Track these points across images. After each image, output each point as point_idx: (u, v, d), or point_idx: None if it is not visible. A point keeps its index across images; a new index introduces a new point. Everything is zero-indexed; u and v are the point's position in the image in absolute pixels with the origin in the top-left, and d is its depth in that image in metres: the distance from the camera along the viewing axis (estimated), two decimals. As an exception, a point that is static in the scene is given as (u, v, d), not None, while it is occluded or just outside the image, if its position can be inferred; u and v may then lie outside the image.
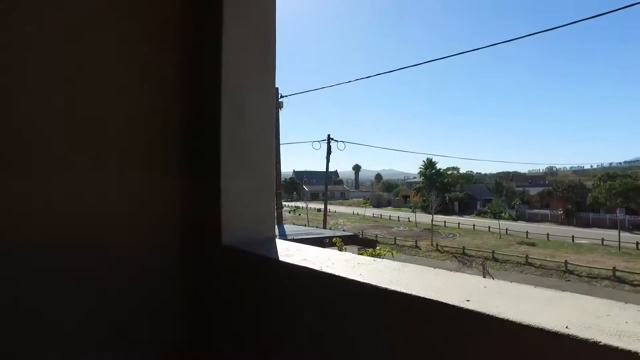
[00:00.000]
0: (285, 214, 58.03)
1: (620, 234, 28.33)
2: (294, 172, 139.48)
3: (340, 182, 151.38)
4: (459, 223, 41.35)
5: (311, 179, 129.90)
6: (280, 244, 1.73)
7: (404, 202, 71.90)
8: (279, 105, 17.82)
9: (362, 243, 11.75)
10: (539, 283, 19.90)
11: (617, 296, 17.71)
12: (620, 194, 37.92)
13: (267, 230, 1.80)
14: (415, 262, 25.29)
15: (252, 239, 1.71)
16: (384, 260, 1.43)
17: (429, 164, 65.92)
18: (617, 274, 19.60)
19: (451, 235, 34.75)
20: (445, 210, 56.15)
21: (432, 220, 33.75)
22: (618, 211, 30.08)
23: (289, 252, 1.56)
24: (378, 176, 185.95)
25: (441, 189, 62.42)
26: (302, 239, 10.65)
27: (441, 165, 70.04)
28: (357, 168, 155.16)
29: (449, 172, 71.36)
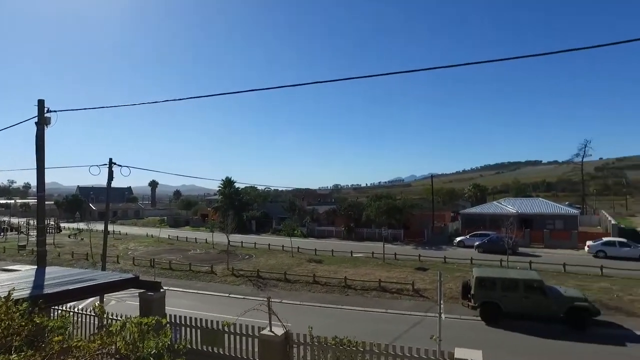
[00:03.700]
0: (65, 239, 49.34)
1: (385, 246, 34.01)
2: (79, 188, 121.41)
3: (135, 199, 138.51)
4: (255, 243, 42.45)
5: (99, 195, 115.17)
6: None
7: (202, 221, 70.09)
8: (46, 122, 14.83)
9: (145, 286, 10.53)
10: (325, 300, 21.86)
11: (382, 303, 20.89)
12: (385, 212, 46.11)
13: None
14: (210, 288, 24.58)
15: None
16: None
17: (228, 183, 66.11)
18: (382, 284, 23.21)
19: (247, 257, 35.29)
20: (243, 229, 57.13)
21: (228, 242, 33.61)
22: (383, 229, 36.09)
23: None
24: (177, 193, 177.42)
25: (239, 208, 63.40)
26: (63, 291, 8.80)
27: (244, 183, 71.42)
28: (154, 184, 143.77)
29: (247, 191, 73.15)
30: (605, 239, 36.67)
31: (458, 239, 43.17)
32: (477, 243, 38.74)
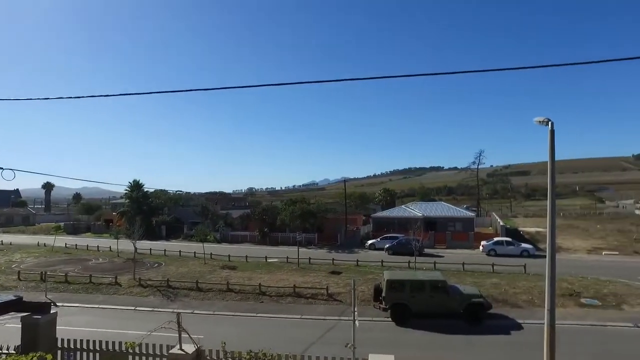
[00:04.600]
0: None
1: (300, 250, 34.19)
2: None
3: (23, 203, 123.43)
4: (165, 250, 40.15)
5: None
6: None
7: (106, 227, 64.77)
8: None
9: (31, 307, 9.28)
10: (239, 308, 21.33)
11: (297, 309, 20.95)
12: (299, 216, 46.58)
13: None
14: (114, 302, 22.67)
15: None
16: None
17: (136, 186, 62.05)
18: (297, 289, 23.30)
19: (156, 265, 33.26)
20: (152, 235, 53.96)
21: (134, 249, 31.35)
22: (297, 233, 36.29)
23: None
24: (77, 196, 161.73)
25: (148, 213, 59.93)
26: None
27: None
28: (48, 186, 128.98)
29: (157, 194, 69.25)
30: (495, 239, 40.84)
31: (369, 241, 44.96)
32: (387, 245, 40.70)
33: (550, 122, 10.35)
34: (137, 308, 21.61)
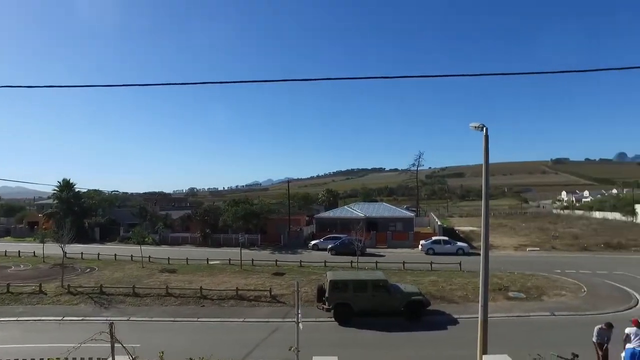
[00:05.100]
0: None
1: (242, 252, 33.49)
2: None
3: None
4: (98, 253, 37.83)
5: None
6: None
7: (30, 230, 59.83)
8: None
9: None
10: (179, 313, 20.54)
11: (240, 312, 20.55)
12: (242, 217, 45.86)
13: None
14: (38, 312, 20.90)
15: None
16: None
17: (66, 186, 57.93)
18: (239, 292, 22.85)
19: (89, 270, 31.20)
20: (85, 238, 50.79)
21: (63, 254, 29.08)
22: (240, 234, 35.53)
23: None
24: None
25: (80, 214, 56.25)
26: None
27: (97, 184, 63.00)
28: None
29: (91, 195, 65.25)
30: (433, 238, 42.66)
31: (313, 242, 45.15)
32: (330, 246, 41.11)
33: (484, 128, 10.99)
34: (65, 318, 20.08)
